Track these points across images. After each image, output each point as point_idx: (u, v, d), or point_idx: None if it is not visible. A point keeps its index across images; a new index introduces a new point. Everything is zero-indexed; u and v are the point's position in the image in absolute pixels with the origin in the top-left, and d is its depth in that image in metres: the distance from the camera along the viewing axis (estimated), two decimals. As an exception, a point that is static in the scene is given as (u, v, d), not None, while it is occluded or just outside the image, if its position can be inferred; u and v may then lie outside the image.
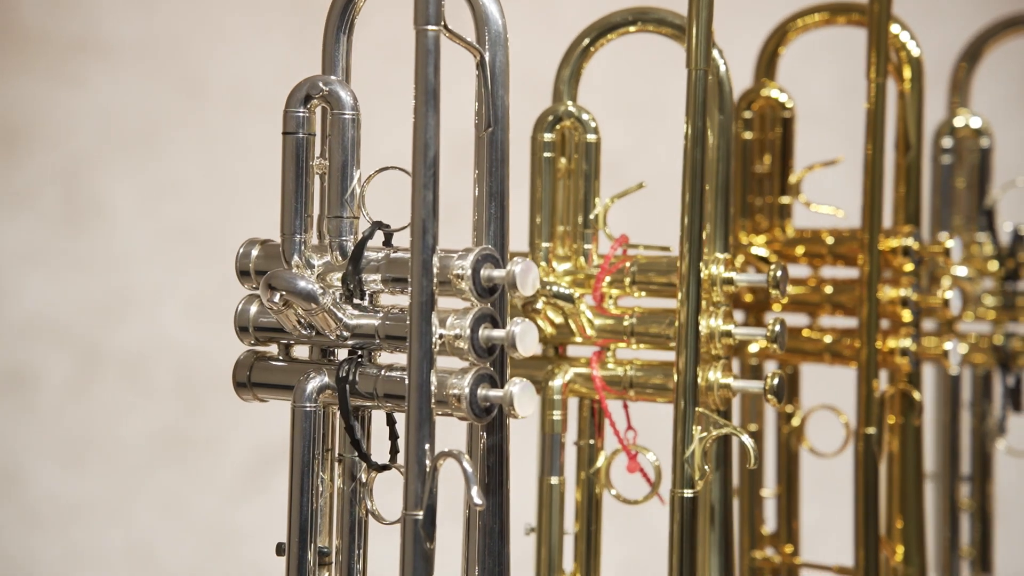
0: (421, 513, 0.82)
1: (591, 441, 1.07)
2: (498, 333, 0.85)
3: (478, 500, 0.82)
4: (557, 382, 1.06)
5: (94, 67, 1.96)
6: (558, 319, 1.06)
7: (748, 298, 1.23)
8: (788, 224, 1.23)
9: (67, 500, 1.99)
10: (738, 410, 1.26)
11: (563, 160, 1.07)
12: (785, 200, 1.23)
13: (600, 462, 1.07)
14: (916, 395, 1.19)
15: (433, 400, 0.83)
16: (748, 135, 1.23)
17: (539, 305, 1.04)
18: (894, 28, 1.20)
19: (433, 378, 0.84)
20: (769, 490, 1.26)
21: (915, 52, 1.20)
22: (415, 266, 0.83)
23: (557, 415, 1.05)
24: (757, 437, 1.25)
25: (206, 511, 2.02)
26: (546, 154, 1.06)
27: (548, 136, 1.06)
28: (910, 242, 1.18)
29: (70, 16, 1.97)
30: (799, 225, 1.24)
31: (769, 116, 1.23)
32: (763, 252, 1.21)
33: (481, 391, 0.85)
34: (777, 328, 1.02)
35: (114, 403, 2.00)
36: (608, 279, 1.06)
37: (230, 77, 1.92)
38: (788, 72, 1.39)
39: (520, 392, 0.84)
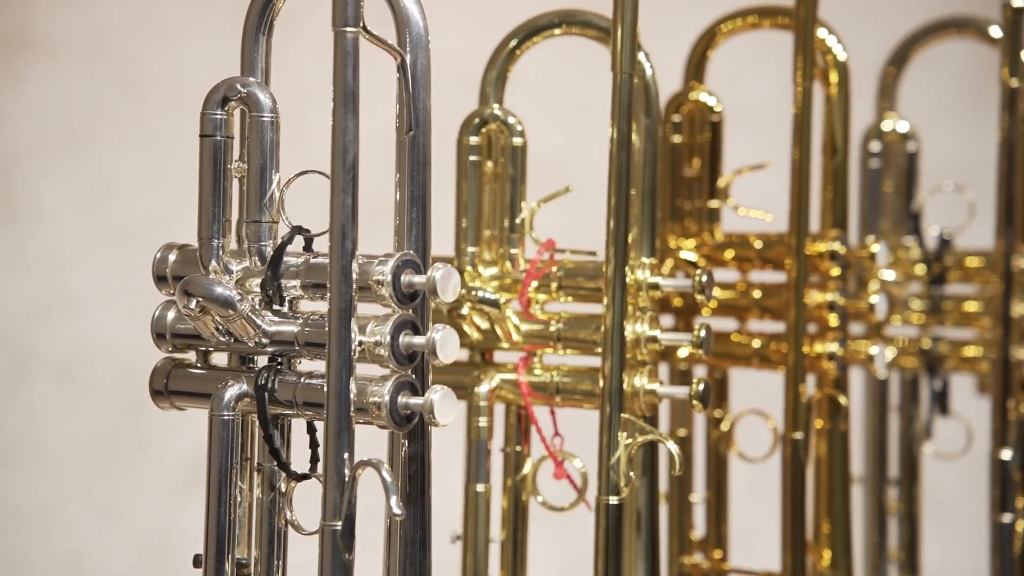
0: (340, 523, 0.81)
1: (518, 448, 1.06)
2: (419, 340, 0.84)
3: (397, 510, 0.80)
4: (483, 388, 1.05)
5: (28, 64, 1.92)
6: (484, 325, 1.05)
7: (677, 303, 1.23)
8: (717, 228, 1.23)
9: (0, 505, 1.96)
10: (667, 415, 1.25)
11: (489, 163, 1.06)
12: (714, 204, 1.23)
13: (527, 469, 1.06)
14: (842, 400, 1.19)
15: (352, 408, 0.82)
16: (677, 139, 1.23)
17: (464, 311, 1.03)
18: (821, 32, 1.21)
19: (352, 386, 0.82)
20: (698, 495, 1.26)
21: (841, 57, 1.21)
22: (334, 272, 0.82)
23: (483, 422, 1.04)
24: (686, 442, 1.25)
25: (144, 516, 1.99)
26: (472, 157, 1.05)
27: (474, 139, 1.05)
28: (836, 246, 1.18)
29: (2, 12, 1.93)
30: (730, 229, 1.24)
31: (698, 120, 1.23)
32: (692, 256, 1.21)
33: (402, 399, 0.84)
34: (703, 333, 1.02)
35: (49, 406, 1.97)
36: (535, 284, 1.05)
37: (168, 74, 1.89)
38: (725, 75, 1.39)
39: (441, 400, 0.83)
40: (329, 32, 0.81)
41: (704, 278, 1.02)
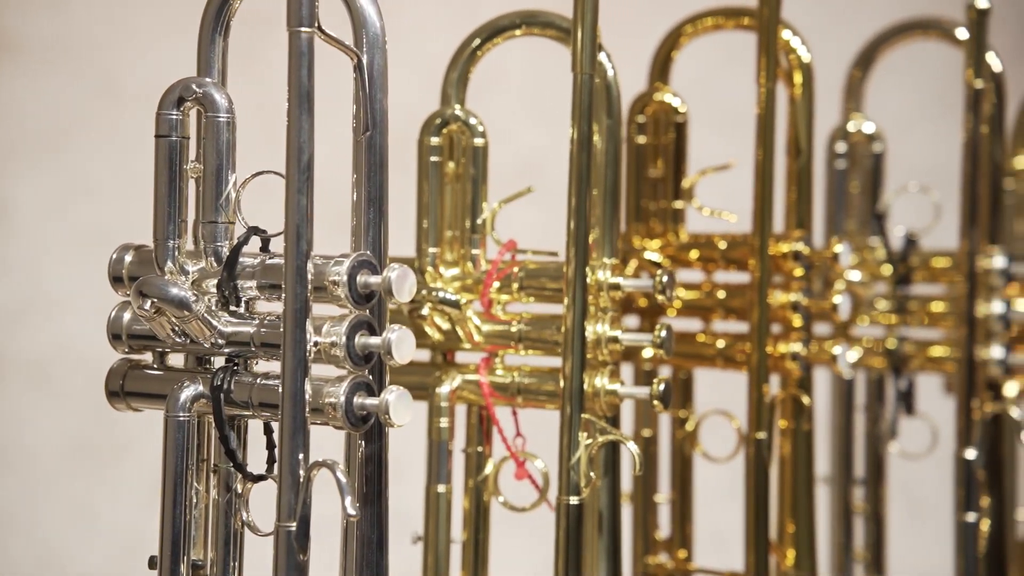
0: (294, 524, 0.81)
1: (479, 448, 1.06)
2: (374, 340, 0.84)
3: (351, 511, 0.80)
4: (444, 389, 1.05)
5: (3, 67, 1.92)
6: (445, 325, 1.05)
7: (642, 303, 1.23)
8: (682, 229, 1.23)
9: (-30, 509, 1.95)
10: (632, 415, 1.25)
11: (451, 164, 1.06)
12: (679, 205, 1.23)
13: (488, 469, 1.06)
14: (805, 400, 1.19)
15: (308, 409, 0.82)
16: (642, 139, 1.23)
17: (425, 311, 1.03)
18: (785, 34, 1.21)
19: (308, 386, 0.82)
20: (663, 495, 1.26)
21: (805, 58, 1.21)
22: (289, 272, 0.82)
23: (444, 422, 1.04)
24: (651, 443, 1.25)
25: (118, 518, 1.98)
26: (433, 158, 1.05)
27: (435, 140, 1.05)
28: (800, 247, 1.18)
29: (-25, 14, 1.92)
30: (695, 229, 1.24)
31: (663, 120, 1.23)
32: (656, 257, 1.21)
33: (357, 399, 0.84)
34: (663, 334, 1.02)
35: (24, 409, 1.96)
36: (497, 285, 1.05)
37: (144, 78, 1.88)
38: (693, 76, 1.39)
39: (396, 400, 0.83)
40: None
41: (665, 278, 1.02)
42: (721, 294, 1.21)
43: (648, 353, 1.22)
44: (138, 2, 1.95)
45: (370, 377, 0.85)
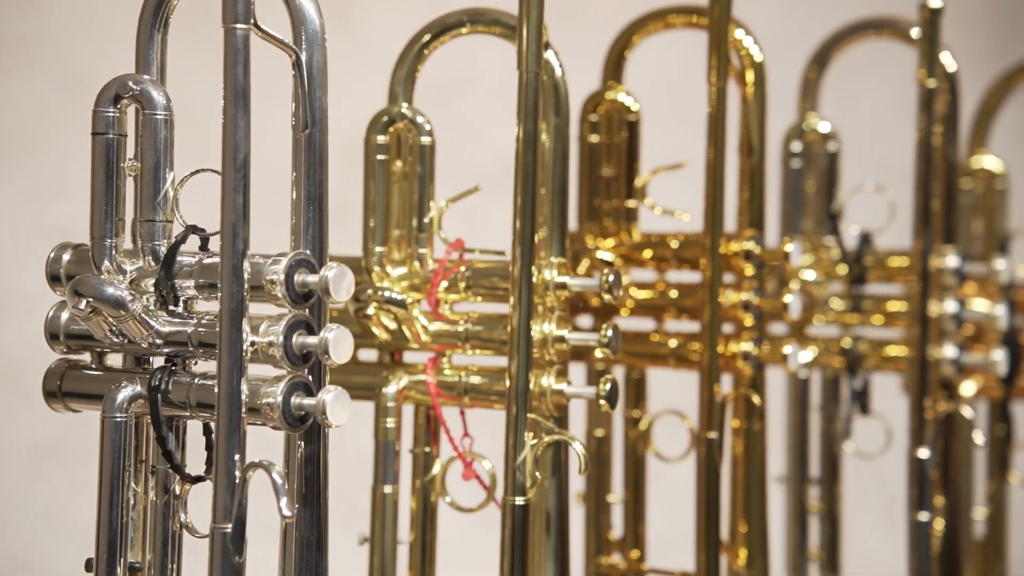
0: (230, 526, 0.80)
1: (427, 448, 1.05)
2: (312, 340, 0.83)
3: (287, 512, 0.80)
4: (391, 389, 1.04)
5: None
6: (392, 325, 1.04)
7: (595, 303, 1.22)
8: (635, 228, 1.23)
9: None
10: (584, 415, 1.25)
11: (398, 163, 1.05)
12: (631, 204, 1.23)
13: (435, 470, 1.05)
14: (756, 399, 1.19)
15: (244, 409, 0.81)
16: (595, 138, 1.23)
17: (371, 311, 1.03)
18: (738, 33, 1.20)
19: (244, 386, 0.81)
20: (616, 496, 1.25)
21: (758, 57, 1.20)
22: (225, 271, 0.81)
23: (391, 422, 1.04)
24: (603, 442, 1.25)
25: (88, 520, 1.96)
26: (379, 156, 1.04)
27: (381, 138, 1.04)
28: (751, 246, 1.18)
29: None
30: (650, 229, 1.23)
31: (616, 119, 1.22)
32: (609, 256, 1.21)
33: (295, 400, 0.83)
34: (609, 333, 1.01)
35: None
36: (445, 284, 1.04)
37: (114, 75, 1.87)
38: (651, 75, 1.38)
39: (333, 400, 0.83)
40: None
41: (611, 278, 1.01)
42: (674, 293, 1.21)
43: (600, 353, 1.23)
44: (110, 1, 1.93)
45: (309, 377, 0.85)
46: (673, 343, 1.20)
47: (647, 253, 1.22)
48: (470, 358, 1.05)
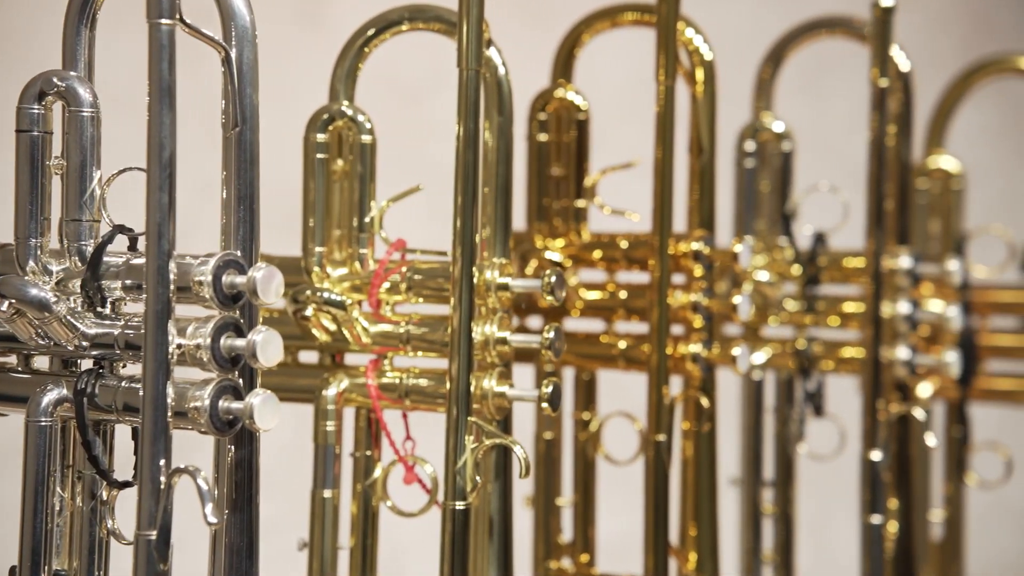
0: (154, 533, 0.78)
1: (368, 452, 1.04)
2: (240, 343, 0.81)
3: (212, 518, 0.78)
4: (331, 391, 1.02)
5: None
6: (332, 327, 1.02)
7: (544, 304, 1.21)
8: (584, 228, 1.21)
9: None
10: (533, 417, 1.23)
11: (339, 161, 1.04)
12: (581, 204, 1.21)
13: (377, 473, 1.04)
14: (704, 401, 1.18)
15: (171, 413, 0.79)
16: (543, 137, 1.21)
17: (309, 312, 1.01)
18: (688, 32, 1.19)
19: (170, 390, 0.79)
20: (565, 499, 1.24)
21: (708, 55, 1.19)
22: (150, 272, 0.79)
23: (331, 426, 1.02)
24: (552, 445, 1.23)
25: (13, 526, 1.93)
26: (319, 155, 1.02)
27: (321, 136, 1.02)
28: (700, 246, 1.16)
29: None
30: (601, 229, 1.22)
31: (564, 118, 1.21)
32: (557, 257, 1.19)
33: (223, 403, 0.81)
34: (551, 335, 1.00)
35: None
36: (387, 285, 1.02)
37: (109, 73, 1.85)
38: (604, 73, 1.36)
39: (261, 404, 0.81)
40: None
41: (553, 279, 1.00)
42: (623, 294, 1.20)
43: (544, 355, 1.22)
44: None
45: (240, 380, 0.83)
46: (623, 344, 1.19)
47: (597, 253, 1.21)
48: (412, 360, 1.03)
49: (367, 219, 1.03)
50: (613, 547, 1.28)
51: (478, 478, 0.96)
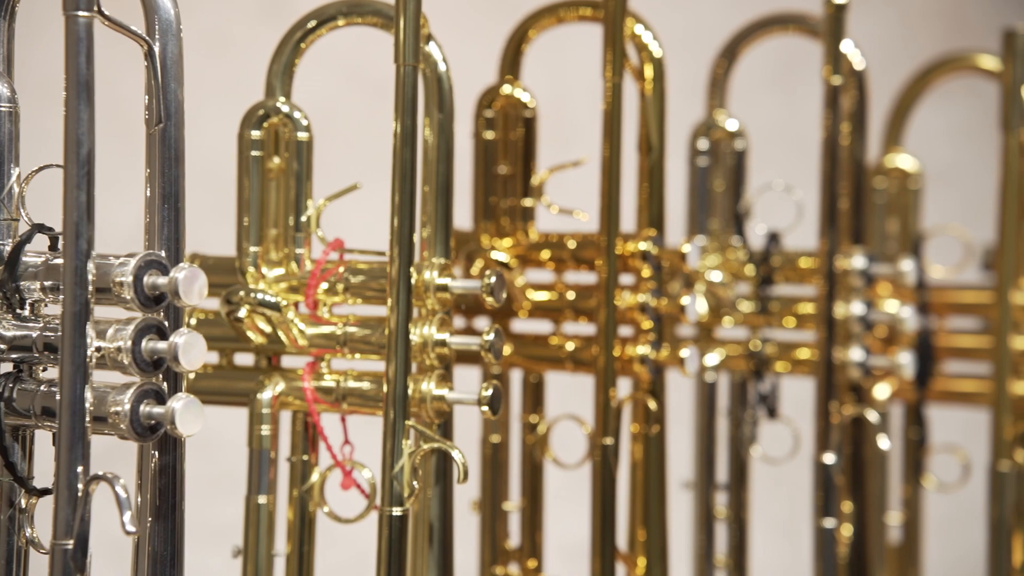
0: (71, 542, 0.76)
1: (305, 457, 1.01)
2: (162, 345, 0.79)
3: (130, 527, 0.75)
4: (266, 395, 1.00)
5: None
6: (267, 328, 1.00)
7: (495, 305, 1.18)
8: (531, 227, 1.19)
9: None
10: (480, 421, 1.21)
11: (276, 159, 1.01)
12: (528, 203, 1.19)
13: (314, 478, 1.01)
14: (651, 404, 1.15)
15: (89, 418, 0.77)
16: (490, 135, 1.19)
17: (242, 314, 0.98)
18: (637, 28, 1.17)
19: (89, 394, 0.77)
20: (513, 503, 1.22)
21: (657, 52, 1.17)
22: (67, 273, 0.76)
23: (266, 430, 1.00)
24: (500, 448, 1.21)
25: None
26: (254, 152, 1.00)
27: (256, 133, 1.00)
28: (648, 246, 1.14)
29: None
30: (552, 228, 1.20)
31: (512, 115, 1.19)
32: (503, 257, 1.17)
33: (144, 408, 0.79)
34: (491, 337, 0.98)
35: None
36: (325, 286, 1.00)
37: (35, 67, 1.82)
38: (551, 72, 1.34)
39: (183, 409, 0.78)
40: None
41: (493, 279, 0.98)
42: (571, 295, 1.18)
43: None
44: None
45: (164, 384, 0.81)
46: (571, 346, 1.17)
47: (545, 254, 1.19)
48: (351, 363, 1.01)
49: (303, 218, 1.01)
50: (561, 552, 1.26)
51: (415, 483, 0.94)
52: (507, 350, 1.20)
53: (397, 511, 0.94)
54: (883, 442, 1.36)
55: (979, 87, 1.56)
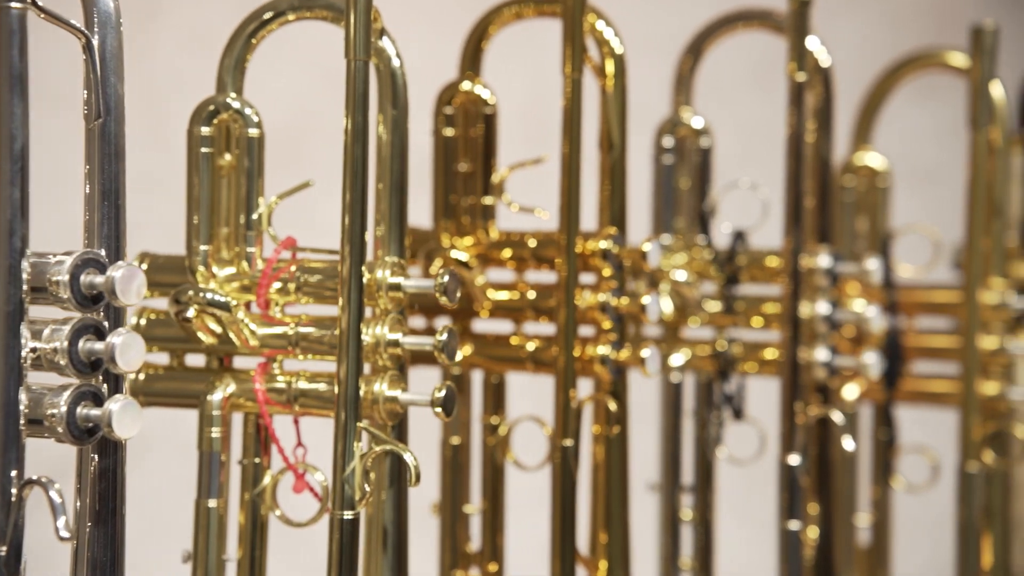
0: (4, 548, 0.74)
1: (256, 459, 1.00)
2: (99, 346, 0.77)
3: (64, 533, 0.74)
4: (216, 396, 0.98)
5: None
6: (218, 329, 0.98)
7: (450, 305, 1.17)
8: (492, 226, 1.18)
9: None
10: (440, 422, 1.19)
11: (228, 156, 0.99)
12: (488, 201, 1.17)
13: (266, 481, 0.99)
14: (611, 404, 1.14)
15: (24, 420, 0.75)
16: (449, 132, 1.17)
17: (191, 314, 0.96)
18: (599, 24, 1.15)
19: (24, 396, 0.75)
20: (473, 506, 1.20)
21: (618, 48, 1.15)
22: (0, 272, 0.74)
23: (216, 432, 0.98)
24: (460, 450, 1.19)
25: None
26: (203, 149, 0.98)
27: (205, 130, 0.98)
28: (608, 245, 1.13)
29: None
30: (513, 227, 1.18)
31: (472, 112, 1.17)
32: (463, 256, 1.15)
33: (81, 410, 0.77)
34: (444, 337, 0.96)
35: None
36: (278, 284, 0.98)
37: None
38: (529, 69, 1.32)
39: (121, 411, 0.76)
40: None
41: (446, 279, 0.96)
42: (532, 294, 1.16)
43: (458, 356, 1.18)
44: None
45: (104, 386, 0.79)
46: (531, 346, 1.15)
47: (505, 252, 1.17)
48: (303, 363, 0.99)
49: (255, 216, 0.99)
50: (523, 556, 1.24)
51: (367, 486, 0.92)
52: (468, 350, 1.18)
53: (348, 514, 0.92)
54: (848, 443, 1.34)
55: (952, 84, 1.55)
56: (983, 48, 1.38)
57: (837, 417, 1.30)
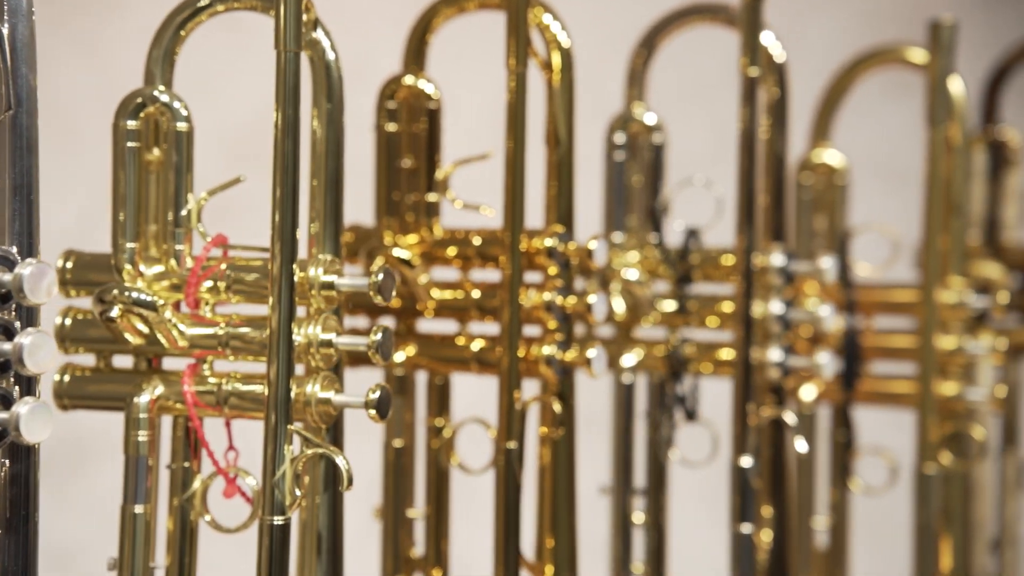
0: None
1: (186, 464, 0.97)
2: (6, 347, 0.74)
3: (-34, 541, 0.71)
4: (143, 399, 0.95)
5: None
6: (145, 329, 0.95)
7: (395, 303, 1.14)
8: (436, 223, 1.15)
9: None
10: (383, 424, 1.16)
11: (157, 151, 0.96)
12: (432, 198, 1.15)
13: (196, 486, 0.96)
14: (556, 406, 1.11)
15: (-73, 425, 0.72)
16: (392, 127, 1.15)
17: (115, 313, 0.93)
18: (546, 18, 1.13)
19: (-74, 399, 0.72)
20: (417, 511, 1.17)
21: (565, 43, 1.13)
22: (-98, 269, 0.72)
23: (143, 436, 0.95)
24: (403, 453, 1.17)
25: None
26: (130, 143, 0.95)
27: (132, 123, 0.95)
28: (554, 243, 1.10)
29: None
30: (458, 224, 1.16)
31: (415, 107, 1.14)
32: (405, 254, 1.13)
33: (-12, 413, 0.74)
34: (378, 337, 0.93)
35: None
36: (209, 283, 0.95)
37: None
38: (468, 63, 1.30)
39: (30, 414, 0.74)
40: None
41: (380, 277, 0.93)
42: (476, 294, 1.13)
43: (400, 357, 1.15)
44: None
45: (16, 388, 0.76)
46: (476, 346, 1.13)
47: (450, 251, 1.14)
48: (234, 364, 0.96)
49: (184, 213, 0.96)
50: (468, 561, 1.22)
51: (299, 491, 0.90)
52: (411, 351, 1.15)
53: (279, 520, 0.89)
54: (800, 444, 1.32)
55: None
56: (941, 43, 1.36)
57: (790, 418, 1.27)
